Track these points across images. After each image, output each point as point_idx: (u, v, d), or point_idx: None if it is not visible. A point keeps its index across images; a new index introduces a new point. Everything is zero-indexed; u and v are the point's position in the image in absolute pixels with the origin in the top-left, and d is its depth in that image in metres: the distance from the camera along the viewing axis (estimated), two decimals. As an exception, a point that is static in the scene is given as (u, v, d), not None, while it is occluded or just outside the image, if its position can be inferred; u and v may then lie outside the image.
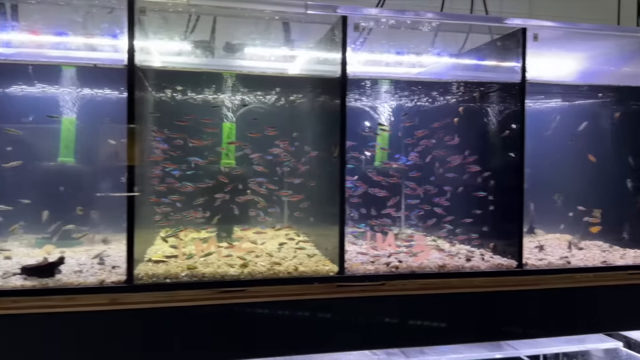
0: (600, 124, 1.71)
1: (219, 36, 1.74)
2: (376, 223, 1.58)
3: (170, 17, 1.41)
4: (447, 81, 1.65)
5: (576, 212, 1.70)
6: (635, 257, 1.47)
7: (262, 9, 1.27)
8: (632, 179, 1.57)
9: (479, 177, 1.51)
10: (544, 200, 1.81)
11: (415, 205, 1.67)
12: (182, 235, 1.57)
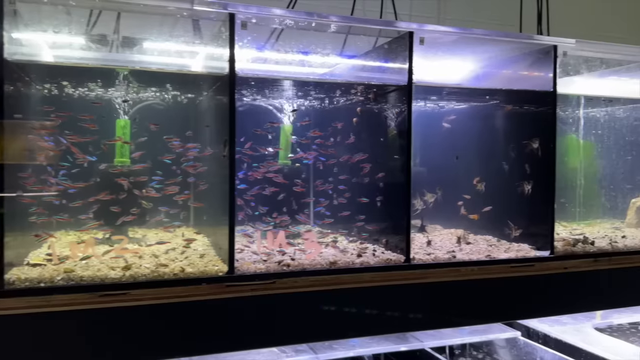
0: (491, 125, 1.80)
1: (123, 32, 1.69)
2: (274, 222, 1.59)
3: (57, 9, 1.35)
4: (343, 82, 1.68)
5: (469, 207, 1.78)
6: (517, 251, 1.56)
7: (146, 3, 1.24)
8: (514, 175, 1.66)
9: (371, 176, 1.55)
10: (446, 197, 1.88)
11: (316, 203, 1.69)
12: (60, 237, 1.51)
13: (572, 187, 1.99)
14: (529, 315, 1.53)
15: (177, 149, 1.53)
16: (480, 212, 1.71)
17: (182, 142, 1.54)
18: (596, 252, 1.62)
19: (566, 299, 1.58)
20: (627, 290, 1.67)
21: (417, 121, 1.87)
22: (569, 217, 2.00)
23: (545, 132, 1.55)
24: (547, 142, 1.55)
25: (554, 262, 1.55)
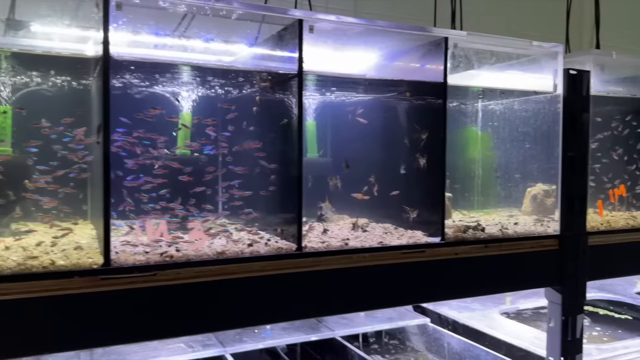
0: (389, 117, 1.83)
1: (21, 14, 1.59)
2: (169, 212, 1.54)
3: None
4: (240, 70, 1.66)
5: (372, 196, 1.81)
6: (409, 238, 1.59)
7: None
8: (410, 165, 1.69)
9: (266, 165, 1.54)
10: (355, 187, 1.90)
11: (216, 193, 1.66)
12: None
13: (471, 177, 2.06)
14: (420, 300, 1.58)
15: (50, 134, 1.45)
16: (374, 195, 1.74)
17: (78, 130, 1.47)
18: (487, 238, 1.68)
19: (457, 284, 1.63)
20: (516, 274, 1.75)
21: (322, 112, 1.87)
22: (469, 206, 2.07)
23: (437, 122, 1.60)
24: (437, 133, 1.59)
25: (444, 248, 1.60)
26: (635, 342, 2.17)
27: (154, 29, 1.55)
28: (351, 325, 2.34)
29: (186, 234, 1.41)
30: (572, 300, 1.82)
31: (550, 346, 1.86)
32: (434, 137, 1.62)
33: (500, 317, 2.50)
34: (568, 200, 1.79)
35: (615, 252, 1.94)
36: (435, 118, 1.61)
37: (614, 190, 1.99)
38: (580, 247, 1.83)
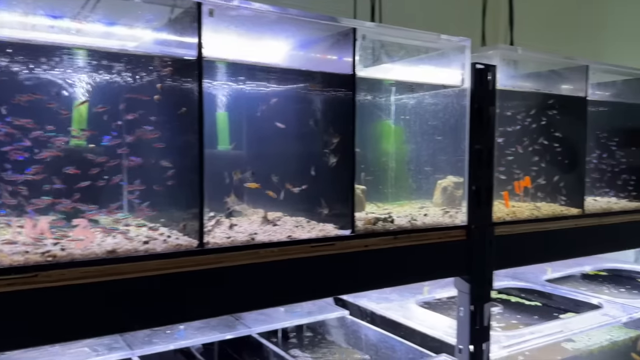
0: (300, 108, 1.79)
1: None
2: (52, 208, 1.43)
3: None
4: (137, 54, 1.56)
5: (284, 189, 1.77)
6: (320, 231, 1.57)
7: None
8: (321, 158, 1.67)
9: (167, 157, 1.46)
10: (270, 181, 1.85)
11: (111, 187, 1.55)
12: None
13: (385, 170, 2.07)
14: (331, 293, 1.56)
15: None
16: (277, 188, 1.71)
17: None
18: (396, 229, 1.69)
19: (368, 276, 1.63)
20: (425, 265, 1.77)
21: (234, 103, 1.81)
22: (383, 198, 2.08)
23: (347, 115, 1.58)
24: (347, 125, 1.58)
25: (354, 241, 1.59)
26: (541, 327, 2.27)
27: (48, 10, 1.42)
28: (269, 321, 2.30)
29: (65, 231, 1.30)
30: (479, 289, 1.88)
31: (460, 335, 1.90)
32: (345, 130, 1.61)
33: (416, 307, 2.54)
34: (475, 192, 1.84)
35: (520, 242, 2.01)
36: (345, 110, 1.59)
37: (519, 182, 2.06)
38: (486, 237, 1.89)
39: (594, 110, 2.49)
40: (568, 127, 2.21)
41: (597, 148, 2.46)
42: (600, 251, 2.47)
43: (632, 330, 2.49)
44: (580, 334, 2.32)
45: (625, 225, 2.36)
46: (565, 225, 2.14)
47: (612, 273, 3.63)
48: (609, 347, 2.38)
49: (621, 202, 2.44)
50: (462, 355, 1.89)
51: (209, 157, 1.41)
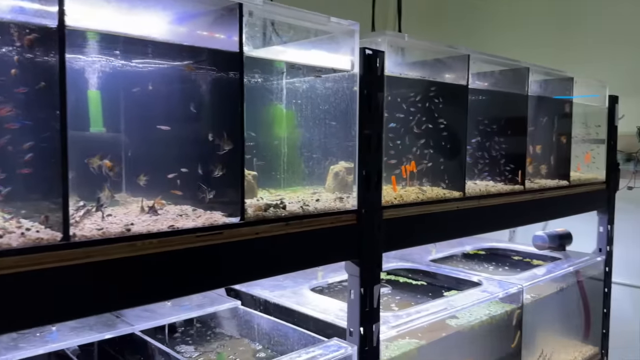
0: (188, 88, 1.68)
1: None
2: None
3: None
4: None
5: (163, 176, 1.65)
6: (207, 219, 1.48)
7: None
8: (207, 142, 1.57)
9: (26, 140, 1.29)
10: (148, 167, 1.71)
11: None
12: None
13: (277, 155, 2.02)
14: (221, 284, 1.48)
15: None
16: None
17: None
18: (288, 215, 1.65)
19: (259, 264, 1.57)
20: (318, 250, 1.75)
21: (108, 81, 1.64)
22: (276, 184, 2.03)
23: (234, 96, 1.49)
24: (235, 107, 1.49)
25: (244, 229, 1.52)
26: (427, 306, 2.37)
27: None
28: (154, 317, 2.16)
29: None
30: (369, 272, 1.90)
31: (350, 317, 1.92)
32: (232, 112, 1.52)
33: (310, 293, 2.54)
34: (364, 176, 1.85)
35: (407, 224, 2.07)
36: (233, 92, 1.50)
37: (406, 167, 2.12)
38: (375, 221, 1.91)
39: (474, 99, 2.63)
40: (451, 114, 2.31)
41: (477, 135, 2.61)
42: (480, 231, 2.63)
43: (508, 304, 2.69)
44: (462, 311, 2.45)
45: (502, 206, 2.54)
46: (448, 208, 2.24)
47: (489, 252, 3.92)
48: (487, 322, 2.55)
49: (498, 186, 2.61)
50: (352, 337, 1.91)
51: (78, 140, 1.26)
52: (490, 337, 2.60)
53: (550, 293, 3.02)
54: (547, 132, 3.03)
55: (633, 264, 4.26)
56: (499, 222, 2.59)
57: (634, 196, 4.17)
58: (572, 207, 3.18)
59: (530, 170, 2.93)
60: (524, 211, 2.71)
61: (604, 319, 3.56)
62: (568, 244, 3.64)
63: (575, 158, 3.27)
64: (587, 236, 3.59)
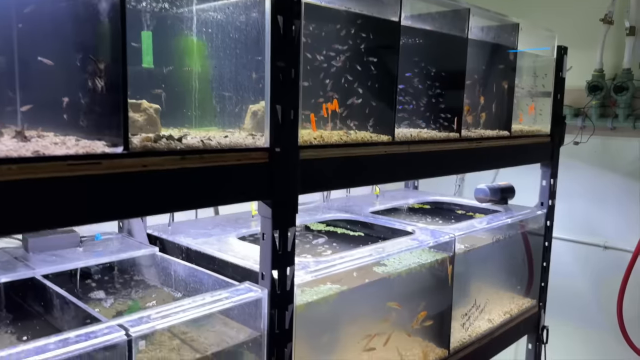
0: (66, 12, 1.51)
1: None
2: None
3: None
4: None
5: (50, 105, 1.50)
6: (82, 148, 1.34)
7: None
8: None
9: None
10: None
11: None
12: None
13: (188, 91, 1.88)
14: (97, 219, 1.36)
15: None
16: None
17: None
18: (184, 149, 1.52)
19: (149, 200, 1.45)
20: (222, 188, 1.65)
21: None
22: (187, 123, 1.89)
23: (115, 19, 1.34)
24: (115, 25, 1.34)
25: (128, 160, 1.39)
26: (352, 252, 2.31)
27: None
28: (60, 262, 2.04)
29: None
30: (283, 214, 1.81)
31: (263, 260, 1.84)
32: (114, 37, 1.37)
33: (236, 241, 2.45)
34: (277, 113, 1.73)
35: (327, 166, 1.97)
36: (113, 13, 1.35)
37: (327, 105, 2.01)
38: (290, 161, 1.81)
39: (410, 41, 2.52)
40: (381, 52, 2.19)
41: (412, 78, 2.51)
42: (410, 177, 2.57)
43: (439, 253, 2.66)
44: (391, 258, 2.40)
45: (435, 153, 2.47)
46: (375, 152, 2.15)
47: (434, 206, 3.89)
48: (416, 270, 2.52)
49: (431, 132, 2.53)
50: (264, 281, 1.83)
51: None
52: (419, 285, 2.57)
53: (486, 244, 3.01)
54: (489, 81, 2.95)
55: (576, 220, 4.31)
56: (432, 169, 2.52)
57: (580, 152, 4.18)
58: (513, 158, 3.15)
59: (470, 120, 2.86)
60: (460, 160, 2.65)
61: (543, 272, 3.60)
62: (510, 197, 3.63)
63: (519, 110, 3.22)
64: (534, 192, 3.58)
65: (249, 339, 1.83)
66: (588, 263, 4.26)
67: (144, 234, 2.50)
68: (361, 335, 2.31)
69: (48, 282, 1.88)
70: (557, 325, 3.79)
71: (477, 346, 2.93)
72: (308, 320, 2.03)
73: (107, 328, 1.45)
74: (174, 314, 1.59)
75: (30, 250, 2.12)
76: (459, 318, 2.85)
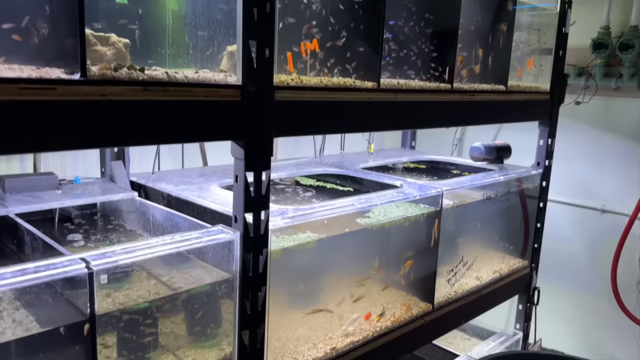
0: None
1: None
2: None
3: None
4: None
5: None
6: (36, 72, 1.29)
7: None
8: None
9: None
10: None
11: None
12: None
13: (162, 29, 1.81)
14: (48, 148, 1.32)
15: None
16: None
17: None
18: (147, 80, 1.47)
19: (106, 130, 1.41)
20: (189, 125, 1.60)
21: None
22: (159, 62, 1.83)
23: None
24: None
25: (86, 87, 1.34)
26: (335, 202, 2.27)
27: None
28: (35, 202, 2.02)
29: None
30: (256, 156, 1.76)
31: (236, 203, 1.80)
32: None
33: (217, 189, 2.42)
34: (251, 49, 1.67)
35: (305, 109, 1.92)
36: None
37: (306, 44, 1.93)
38: (265, 101, 1.75)
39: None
40: (367, -7, 2.10)
41: (402, 24, 2.41)
42: (396, 127, 2.50)
43: (426, 208, 2.62)
44: (375, 210, 2.37)
45: (423, 104, 2.39)
46: (358, 98, 2.09)
47: (429, 165, 3.83)
48: (400, 222, 2.48)
49: (421, 83, 2.45)
50: (237, 224, 1.80)
51: None
52: (404, 239, 2.54)
53: (475, 201, 2.96)
54: (486, 32, 2.84)
55: (574, 183, 4.23)
56: (420, 120, 2.46)
57: (581, 112, 4.07)
58: (508, 115, 3.06)
59: (464, 74, 2.77)
60: (450, 112, 2.57)
61: (537, 233, 3.55)
62: (507, 157, 3.56)
63: (517, 66, 3.12)
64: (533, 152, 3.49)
65: (222, 280, 1.81)
66: (585, 227, 4.20)
67: (127, 181, 2.48)
68: (341, 286, 2.29)
69: (20, 219, 1.86)
70: (549, 288, 3.77)
71: (463, 303, 2.91)
72: (284, 266, 2.02)
73: (68, 261, 1.43)
74: (139, 250, 1.57)
75: (7, 190, 2.10)
76: (445, 274, 2.83)
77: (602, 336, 4.16)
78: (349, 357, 2.26)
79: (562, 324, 4.27)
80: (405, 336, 2.53)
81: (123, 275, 1.60)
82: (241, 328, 1.84)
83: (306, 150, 3.85)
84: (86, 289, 1.43)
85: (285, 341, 2.12)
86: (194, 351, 1.84)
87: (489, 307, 3.20)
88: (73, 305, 1.47)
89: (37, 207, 1.99)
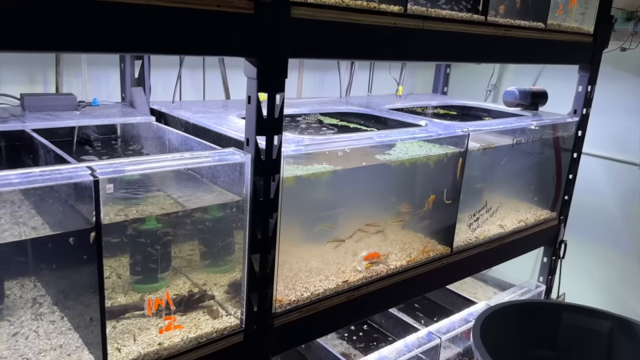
0: None
1: None
2: None
3: None
4: None
5: None
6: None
7: None
8: None
9: None
10: None
11: None
12: None
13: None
14: (36, 48, 1.28)
15: None
16: None
17: None
18: (155, -15, 1.40)
19: (104, 34, 1.36)
20: (198, 34, 1.54)
21: None
22: None
23: None
24: None
25: (89, -14, 1.29)
26: (352, 135, 2.21)
27: None
28: (52, 119, 2.03)
29: None
30: (270, 76, 1.70)
31: (248, 125, 1.76)
32: None
33: (235, 118, 2.38)
34: (264, -44, 1.57)
35: (323, 30, 1.82)
36: None
37: (327, -40, 1.82)
38: (280, 15, 1.67)
39: None
40: None
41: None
42: (423, 58, 2.38)
43: (450, 148, 2.52)
44: (397, 147, 2.29)
45: (453, 34, 2.26)
46: (381, 22, 1.98)
47: (460, 111, 3.69)
48: (421, 160, 2.40)
49: (452, 12, 2.30)
50: (249, 147, 1.76)
51: None
52: (425, 178, 2.46)
53: (504, 145, 2.84)
54: (527, -38, 2.64)
55: (612, 136, 4.01)
56: (449, 52, 2.32)
57: (627, 60, 3.80)
58: (546, 55, 2.88)
59: (502, 9, 2.59)
60: (482, 46, 2.43)
61: (568, 185, 3.41)
62: (542, 103, 3.39)
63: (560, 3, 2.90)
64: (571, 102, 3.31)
65: (232, 202, 1.79)
66: (619, 182, 4.00)
67: (146, 107, 2.46)
68: (357, 222, 2.25)
69: (35, 134, 1.87)
70: (577, 245, 3.64)
71: (483, 249, 2.84)
72: (298, 195, 1.98)
73: (74, 168, 1.43)
74: (147, 163, 1.55)
75: (26, 108, 2.11)
76: (467, 219, 2.75)
77: (627, 293, 4.03)
78: (360, 291, 2.24)
79: (587, 280, 4.16)
80: (420, 277, 2.49)
81: (135, 191, 1.59)
82: (251, 252, 1.83)
83: (332, 91, 3.76)
84: (92, 197, 1.42)
85: (297, 271, 2.11)
86: (205, 275, 1.85)
87: (511, 257, 3.12)
88: (80, 214, 1.48)
89: (53, 124, 1.99)
